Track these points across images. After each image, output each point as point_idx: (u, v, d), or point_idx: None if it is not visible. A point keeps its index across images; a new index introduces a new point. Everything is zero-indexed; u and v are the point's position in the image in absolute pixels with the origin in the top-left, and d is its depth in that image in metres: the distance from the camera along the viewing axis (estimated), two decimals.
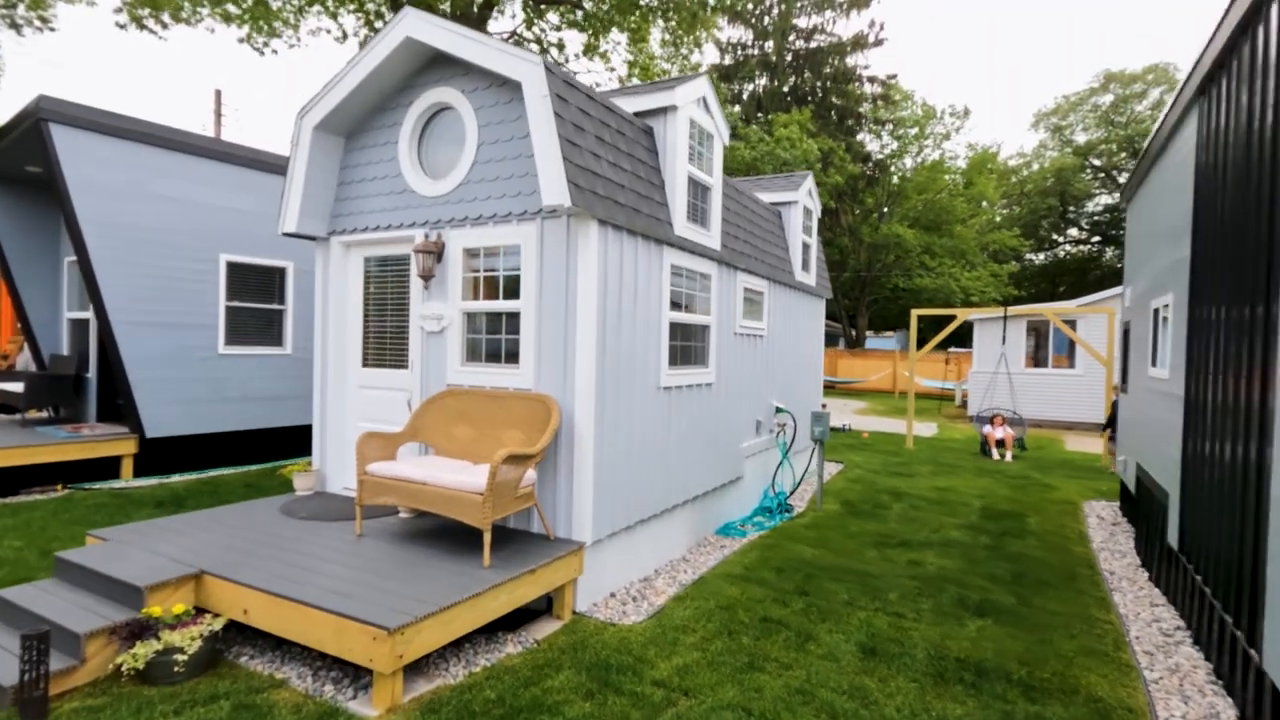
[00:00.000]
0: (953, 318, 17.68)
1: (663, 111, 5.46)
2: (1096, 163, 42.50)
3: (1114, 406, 11.04)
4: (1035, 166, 43.38)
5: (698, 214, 5.92)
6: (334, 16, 19.33)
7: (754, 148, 24.70)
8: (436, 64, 5.17)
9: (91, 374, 8.81)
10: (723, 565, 5.65)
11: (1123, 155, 41.48)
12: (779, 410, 8.12)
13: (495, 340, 4.98)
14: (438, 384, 5.18)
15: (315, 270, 5.87)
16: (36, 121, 7.11)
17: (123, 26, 15.90)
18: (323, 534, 4.59)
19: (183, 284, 8.27)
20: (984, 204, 38.25)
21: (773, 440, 8.06)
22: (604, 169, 4.65)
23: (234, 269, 8.78)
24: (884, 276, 34.58)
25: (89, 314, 8.84)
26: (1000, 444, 11.46)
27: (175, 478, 8.21)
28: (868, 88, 31.83)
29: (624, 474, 4.95)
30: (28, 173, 8.82)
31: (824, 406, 8.59)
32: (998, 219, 40.84)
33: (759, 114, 30.94)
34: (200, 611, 3.76)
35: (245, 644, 3.92)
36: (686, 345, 5.90)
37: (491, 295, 4.96)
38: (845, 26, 36.52)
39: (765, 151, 24.58)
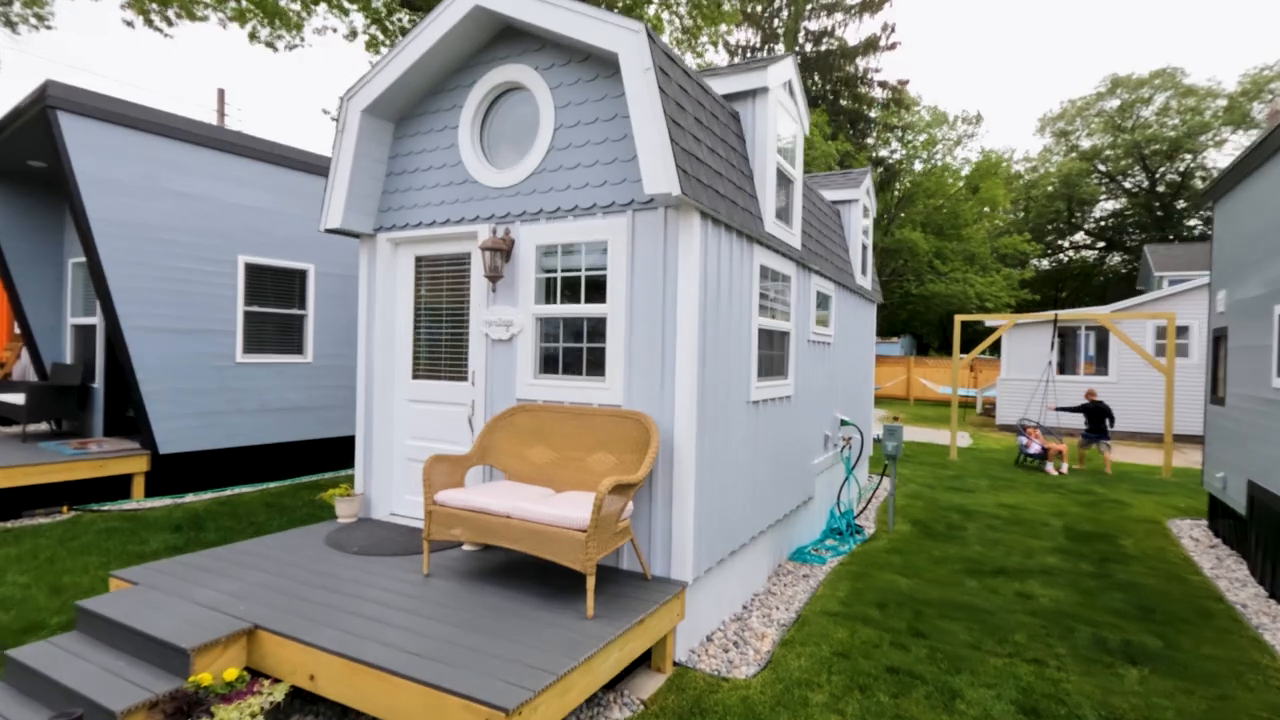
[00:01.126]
0: (976, 324, 17.17)
1: (751, 95, 4.91)
2: (1102, 168, 42.32)
3: (1087, 409, 11.31)
4: (1041, 171, 43.18)
5: (782, 210, 5.36)
6: (344, 13, 18.75)
7: None
8: (505, 38, 4.60)
9: (98, 384, 8.17)
10: (817, 600, 5.07)
11: (1127, 160, 41.32)
12: (844, 423, 7.56)
13: (574, 349, 4.40)
14: (505, 399, 4.59)
15: (360, 271, 5.27)
16: (43, 109, 6.50)
17: (130, 24, 15.28)
18: (383, 572, 3.98)
19: (198, 287, 7.65)
20: (990, 209, 37.93)
21: (838, 455, 7.49)
22: (704, 154, 4.09)
23: (253, 271, 8.17)
24: (894, 282, 34.16)
25: (96, 319, 8.21)
26: (1060, 455, 10.92)
27: (190, 497, 7.57)
28: (878, 92, 31.47)
29: (720, 500, 4.37)
30: (30, 167, 8.19)
31: (896, 419, 8.02)
32: (999, 223, 40.47)
33: None
34: (255, 675, 3.15)
35: (306, 711, 3.31)
36: (769, 354, 5.33)
37: (571, 298, 4.37)
38: (856, 30, 36.16)
39: None
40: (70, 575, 5.03)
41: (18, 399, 7.77)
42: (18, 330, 12.07)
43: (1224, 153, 38.47)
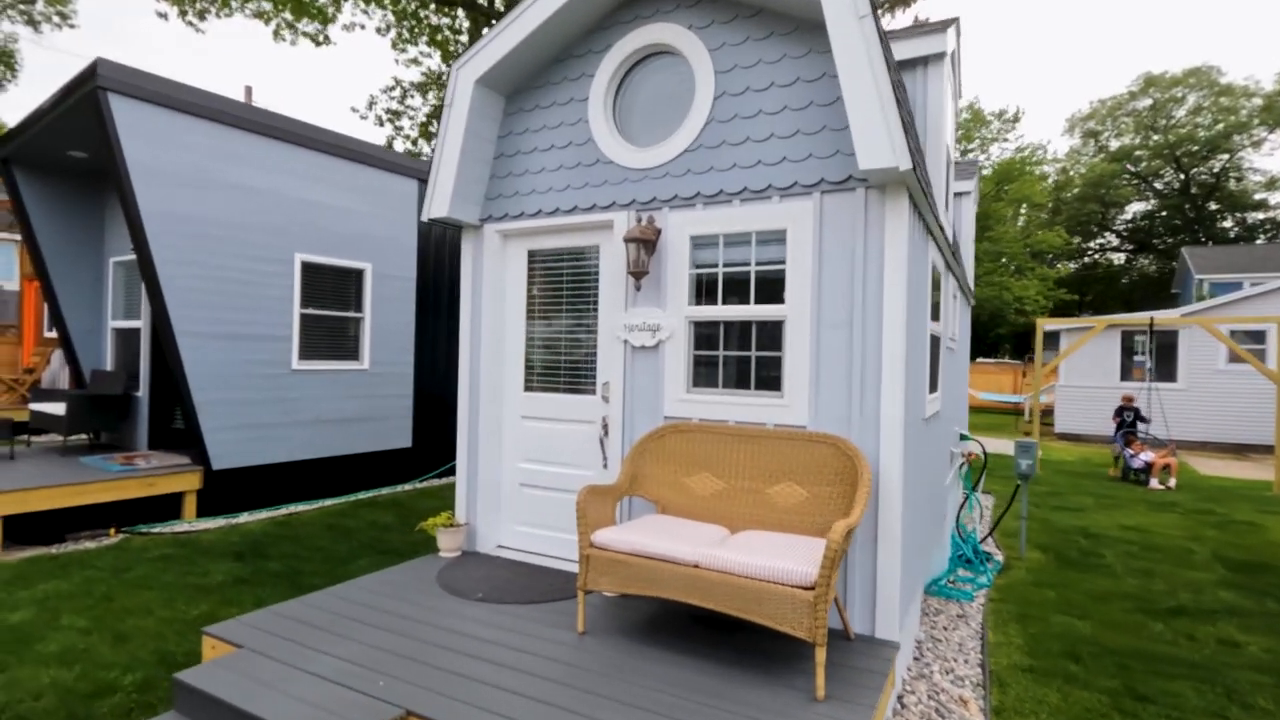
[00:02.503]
0: (996, 329, 16.42)
1: (923, 62, 4.24)
2: (1132, 169, 41.42)
3: (1123, 415, 11.52)
4: (1071, 173, 42.34)
5: (945, 198, 4.68)
6: (380, 4, 18.20)
7: None
8: None
9: (142, 393, 7.54)
10: (997, 650, 4.35)
11: (1158, 161, 40.41)
12: (963, 437, 6.85)
13: (739, 359, 3.72)
14: (650, 417, 3.91)
15: (463, 268, 4.60)
16: (93, 90, 5.88)
17: (163, 15, 14.79)
18: (525, 630, 3.30)
19: (254, 288, 7.02)
20: (1022, 209, 37.15)
21: (958, 474, 6.78)
22: (908, 125, 3.41)
23: (309, 271, 7.54)
24: None
25: (140, 323, 7.59)
26: (1166, 469, 10.14)
27: (244, 517, 6.91)
28: None
29: (913, 538, 3.67)
30: (71, 158, 7.59)
31: (1027, 434, 7.31)
32: (1022, 221, 39.57)
33: None
34: None
35: None
36: (931, 363, 4.64)
37: (736, 298, 3.69)
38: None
39: None
40: (133, 618, 4.37)
41: (57, 409, 7.14)
42: (48, 334, 11.51)
43: (1262, 153, 37.54)
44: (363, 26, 21.22)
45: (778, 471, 3.42)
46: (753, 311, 3.62)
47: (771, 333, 3.59)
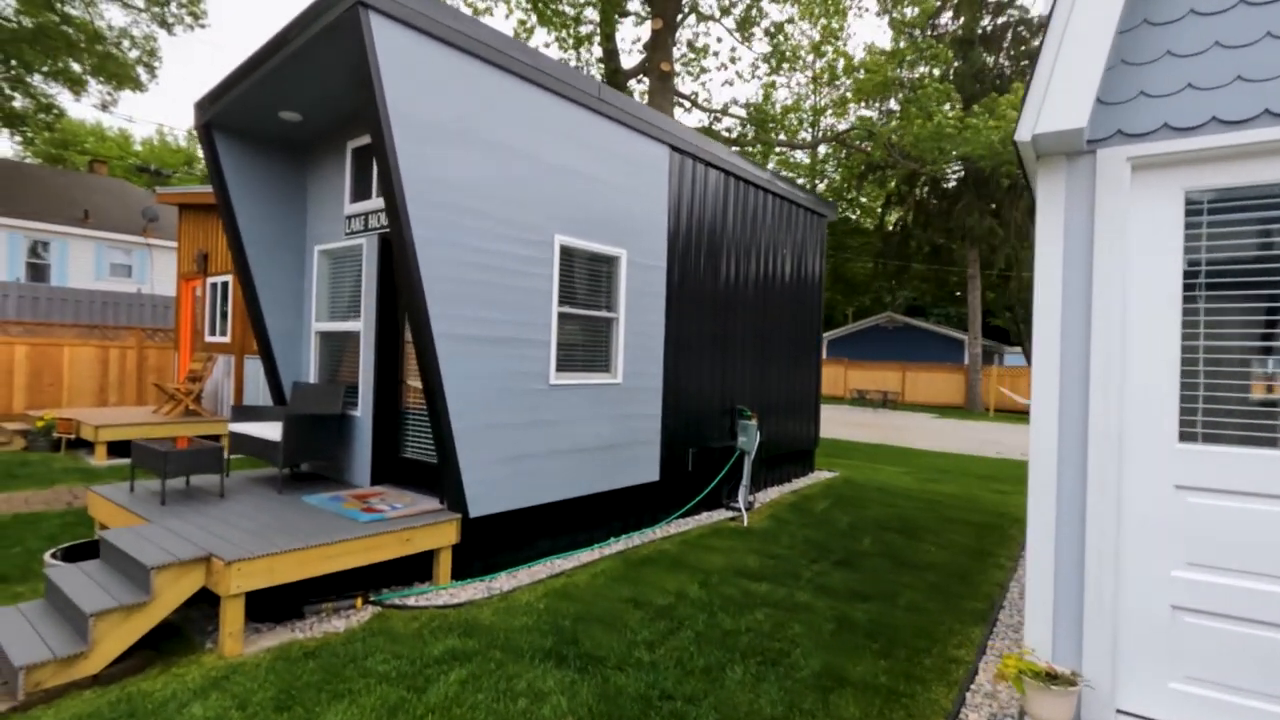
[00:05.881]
0: None
1: None
2: None
3: None
4: None
5: None
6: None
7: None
8: None
9: (361, 413, 6.04)
10: None
11: None
12: None
13: None
14: None
15: (1041, 226, 2.70)
16: (354, 8, 4.34)
17: None
18: None
19: (512, 278, 5.40)
20: None
21: None
22: None
23: (565, 258, 5.89)
24: None
25: (358, 325, 6.11)
26: None
27: (503, 580, 5.26)
28: None
29: None
30: (278, 123, 6.19)
31: None
32: None
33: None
34: None
35: None
36: None
37: None
38: None
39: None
40: None
41: (268, 432, 5.70)
42: (209, 338, 10.43)
43: None
44: (491, 12, 20.14)
45: None
46: None
47: None
